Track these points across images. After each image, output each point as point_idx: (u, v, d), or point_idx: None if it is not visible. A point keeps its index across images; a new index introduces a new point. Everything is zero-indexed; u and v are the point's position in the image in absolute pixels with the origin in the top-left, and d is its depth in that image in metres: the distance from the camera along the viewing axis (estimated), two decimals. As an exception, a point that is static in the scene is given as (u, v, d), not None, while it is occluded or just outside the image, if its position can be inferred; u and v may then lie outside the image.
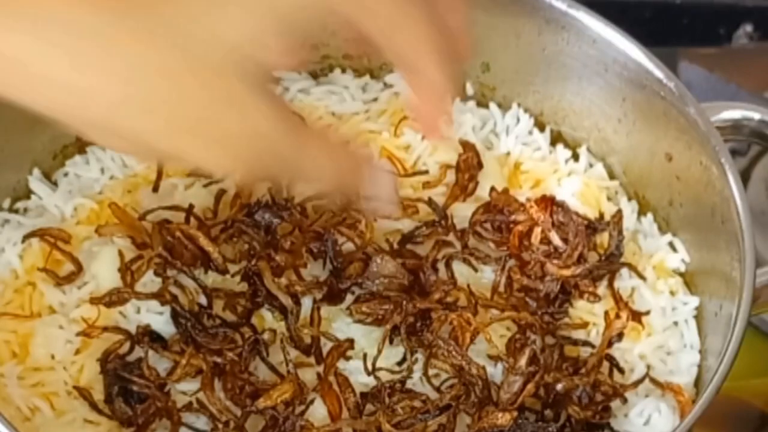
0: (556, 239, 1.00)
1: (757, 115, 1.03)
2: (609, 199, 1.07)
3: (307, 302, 0.96)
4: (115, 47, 0.61)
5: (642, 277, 1.01)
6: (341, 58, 1.11)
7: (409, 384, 0.93)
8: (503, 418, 0.90)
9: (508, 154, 1.08)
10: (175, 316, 0.94)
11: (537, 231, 0.99)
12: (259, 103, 0.64)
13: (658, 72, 1.01)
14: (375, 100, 1.10)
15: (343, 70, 1.11)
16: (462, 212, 1.02)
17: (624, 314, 0.97)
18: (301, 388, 0.91)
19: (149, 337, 0.93)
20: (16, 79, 0.62)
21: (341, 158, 0.71)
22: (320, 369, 0.93)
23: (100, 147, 1.04)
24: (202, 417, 0.91)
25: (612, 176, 1.09)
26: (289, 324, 0.94)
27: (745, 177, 1.24)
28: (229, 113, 0.63)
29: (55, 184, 1.04)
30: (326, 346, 0.94)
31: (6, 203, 1.02)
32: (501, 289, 0.98)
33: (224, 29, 0.62)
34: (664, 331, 1.00)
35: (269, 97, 0.65)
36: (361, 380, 0.93)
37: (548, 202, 1.01)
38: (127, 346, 0.93)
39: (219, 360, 0.91)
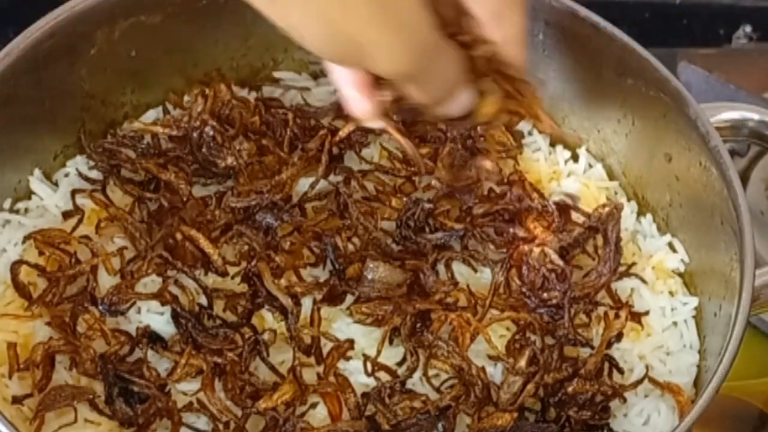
0: (555, 258, 0.97)
1: (756, 116, 1.03)
2: (608, 200, 1.07)
3: (307, 303, 0.96)
4: None
5: (641, 278, 1.01)
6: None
7: (409, 384, 0.93)
8: (503, 419, 0.90)
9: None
10: (175, 316, 0.94)
11: (536, 251, 0.98)
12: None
13: (657, 73, 1.02)
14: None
15: (344, 71, 1.11)
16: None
17: (623, 315, 0.97)
18: (303, 390, 0.91)
19: (149, 337, 0.93)
20: None
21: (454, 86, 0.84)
22: (320, 369, 0.94)
23: None
24: (202, 417, 0.91)
25: (611, 177, 1.09)
26: (290, 324, 0.94)
27: (744, 177, 1.24)
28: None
29: (55, 184, 1.04)
30: (326, 346, 0.94)
31: (7, 204, 1.02)
32: (500, 290, 0.98)
33: None
34: (663, 332, 1.00)
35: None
36: (361, 380, 0.93)
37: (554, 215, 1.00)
38: (127, 347, 0.93)
39: (219, 360, 0.92)
